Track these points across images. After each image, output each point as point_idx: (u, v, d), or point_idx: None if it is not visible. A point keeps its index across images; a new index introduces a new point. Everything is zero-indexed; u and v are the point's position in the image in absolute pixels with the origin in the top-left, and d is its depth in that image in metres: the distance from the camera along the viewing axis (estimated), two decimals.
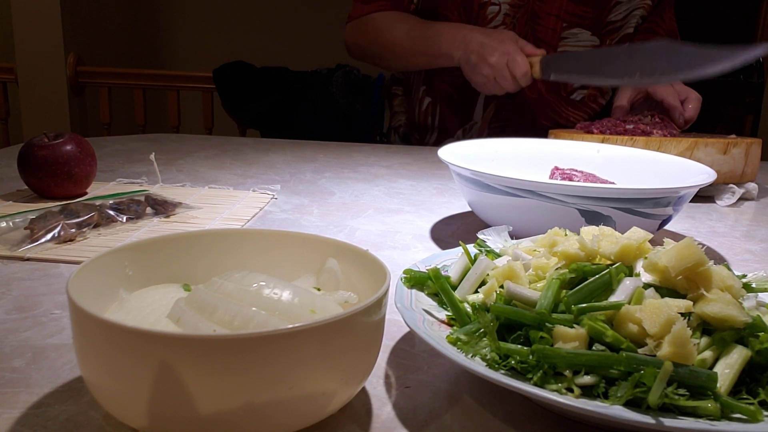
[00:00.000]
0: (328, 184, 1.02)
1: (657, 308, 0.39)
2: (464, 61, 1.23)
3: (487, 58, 1.18)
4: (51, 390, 0.43)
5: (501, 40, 1.18)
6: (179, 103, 2.41)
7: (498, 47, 1.18)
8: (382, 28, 1.36)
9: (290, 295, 0.40)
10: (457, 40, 1.24)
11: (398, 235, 0.78)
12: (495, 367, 0.40)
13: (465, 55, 1.22)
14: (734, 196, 1.00)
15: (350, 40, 1.44)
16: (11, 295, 0.57)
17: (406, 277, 0.50)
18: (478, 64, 1.20)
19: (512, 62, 1.16)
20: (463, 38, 1.23)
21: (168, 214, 0.79)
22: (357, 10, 1.40)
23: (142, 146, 1.25)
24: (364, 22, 1.39)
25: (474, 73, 1.22)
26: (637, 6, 1.35)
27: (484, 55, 1.18)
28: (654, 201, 0.66)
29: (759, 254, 0.77)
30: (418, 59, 1.34)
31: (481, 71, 1.20)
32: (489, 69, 1.19)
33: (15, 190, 0.89)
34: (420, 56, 1.32)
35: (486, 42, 1.19)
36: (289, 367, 0.34)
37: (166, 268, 0.47)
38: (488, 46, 1.19)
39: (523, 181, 0.66)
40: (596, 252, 0.47)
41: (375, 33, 1.37)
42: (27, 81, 2.50)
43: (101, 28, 2.73)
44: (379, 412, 0.42)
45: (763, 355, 0.39)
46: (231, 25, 3.19)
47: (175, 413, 0.34)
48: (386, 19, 1.36)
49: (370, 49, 1.40)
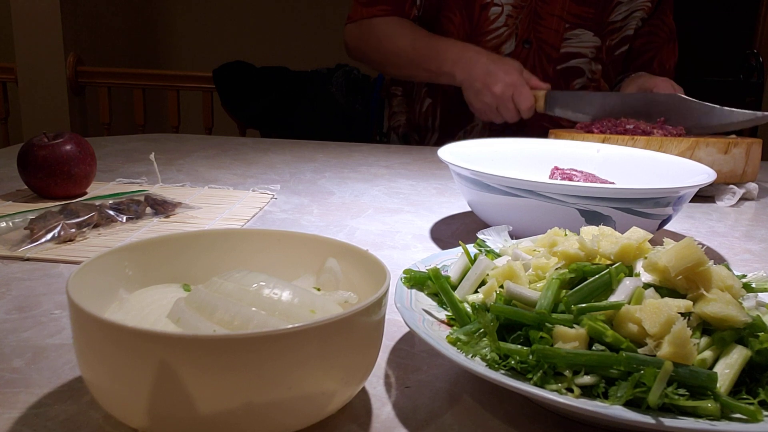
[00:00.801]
0: (328, 184, 1.02)
1: (657, 308, 0.39)
2: (467, 85, 1.22)
3: (492, 88, 1.18)
4: (51, 390, 0.43)
5: (507, 71, 1.18)
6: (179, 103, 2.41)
7: (504, 78, 1.17)
8: (385, 36, 1.35)
9: (290, 295, 0.40)
10: (461, 61, 1.23)
11: (398, 235, 0.78)
12: (495, 367, 0.40)
13: (469, 80, 1.22)
14: (734, 196, 1.00)
15: (351, 42, 1.43)
16: (11, 295, 0.57)
17: (406, 277, 0.50)
18: (482, 91, 1.19)
19: (518, 95, 1.16)
20: (468, 61, 1.22)
21: (168, 214, 0.79)
22: (357, 13, 1.39)
23: (141, 146, 1.25)
24: (367, 27, 1.37)
25: (476, 100, 1.22)
26: (637, 7, 1.35)
27: (489, 85, 1.18)
28: (654, 201, 0.66)
29: (759, 254, 0.77)
30: (420, 73, 1.33)
31: (484, 99, 1.20)
32: (492, 98, 1.18)
33: (15, 190, 0.89)
34: (422, 71, 1.32)
35: (492, 70, 1.18)
36: (289, 367, 0.34)
37: (166, 268, 0.47)
38: (494, 74, 1.18)
39: (522, 181, 0.66)
40: (596, 252, 0.47)
41: (377, 41, 1.36)
42: (27, 81, 2.50)
43: (101, 28, 2.73)
44: (378, 412, 0.42)
45: (762, 355, 0.39)
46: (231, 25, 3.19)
47: (175, 413, 0.34)
48: (390, 28, 1.35)
49: (372, 57, 1.40)
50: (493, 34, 1.32)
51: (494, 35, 1.32)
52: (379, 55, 1.37)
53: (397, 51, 1.33)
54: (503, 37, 1.32)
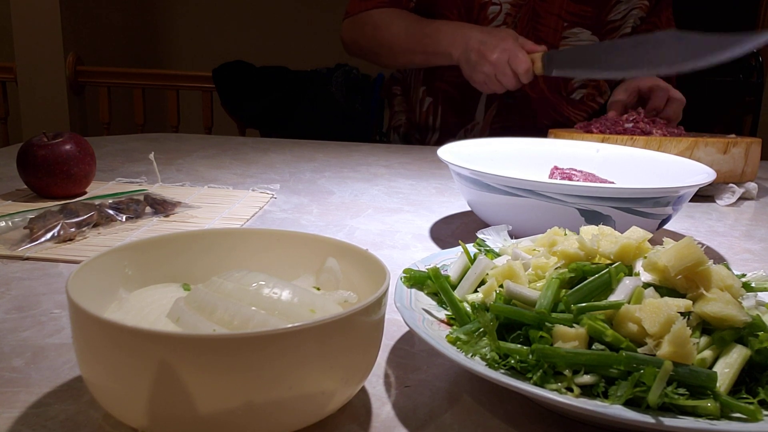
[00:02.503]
0: (328, 184, 1.02)
1: (656, 308, 0.39)
2: (464, 59, 1.22)
3: (487, 56, 1.17)
4: (50, 389, 0.43)
5: (501, 38, 1.18)
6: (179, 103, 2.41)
7: (498, 44, 1.17)
8: (380, 25, 1.35)
9: (290, 294, 0.40)
10: (456, 39, 1.23)
11: (398, 235, 0.78)
12: (495, 366, 0.40)
13: (465, 54, 1.21)
14: (734, 195, 1.00)
15: (347, 37, 1.44)
16: (11, 295, 0.57)
17: (406, 276, 0.50)
18: (478, 62, 1.19)
19: (514, 59, 1.16)
20: (463, 36, 1.22)
21: (167, 214, 0.79)
22: (354, 7, 1.40)
23: (141, 146, 1.25)
24: (362, 19, 1.38)
25: (474, 72, 1.21)
26: (635, 6, 1.35)
27: (485, 53, 1.18)
28: (653, 200, 0.66)
29: (758, 253, 0.77)
30: (416, 57, 1.33)
31: (482, 69, 1.19)
32: (490, 66, 1.18)
33: (14, 190, 0.89)
34: (418, 54, 1.32)
35: (486, 40, 1.19)
36: (289, 367, 0.34)
37: (166, 267, 0.47)
38: (488, 43, 1.18)
39: (522, 180, 0.66)
40: (596, 251, 0.47)
41: (373, 30, 1.37)
42: (26, 80, 2.50)
43: (100, 28, 2.73)
44: (378, 412, 0.42)
45: (762, 355, 0.39)
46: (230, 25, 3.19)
47: (175, 413, 0.34)
48: (384, 16, 1.35)
49: (368, 46, 1.40)
50: None
51: None
52: (374, 45, 1.38)
53: (392, 38, 1.33)
54: None
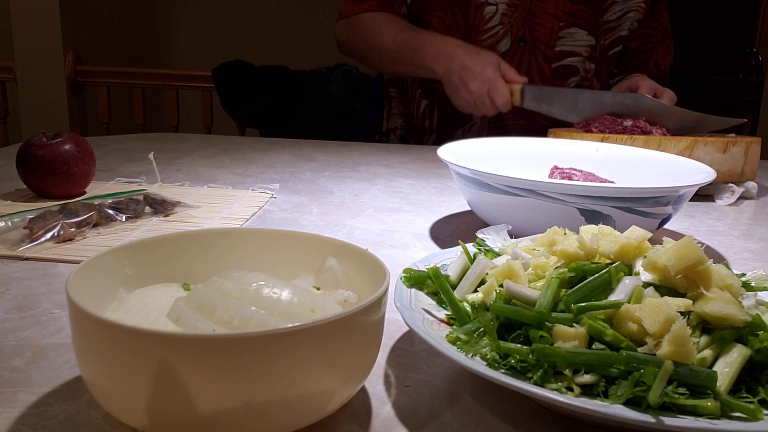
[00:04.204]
0: (328, 184, 1.02)
1: (656, 307, 0.39)
2: (446, 79, 1.24)
3: (468, 85, 1.19)
4: (50, 389, 0.43)
5: (483, 66, 1.19)
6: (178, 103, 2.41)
7: (480, 74, 1.18)
8: (370, 30, 1.36)
9: (290, 294, 0.40)
10: (440, 56, 1.24)
11: (397, 234, 0.78)
12: (495, 366, 0.40)
13: (447, 75, 1.23)
14: (734, 195, 1.00)
15: (341, 38, 1.44)
16: (10, 295, 0.57)
17: (406, 276, 0.50)
18: (459, 87, 1.21)
19: (493, 90, 1.18)
20: (447, 55, 1.23)
21: (167, 214, 0.79)
22: (348, 9, 1.40)
23: (140, 145, 1.25)
24: (354, 21, 1.39)
25: (454, 95, 1.24)
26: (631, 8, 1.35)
27: (466, 81, 1.19)
28: (653, 200, 0.66)
29: (758, 253, 0.77)
30: (402, 67, 1.35)
31: (462, 95, 1.22)
32: (469, 95, 1.20)
33: (14, 190, 0.89)
34: (404, 65, 1.33)
35: (468, 65, 1.19)
36: (289, 367, 0.34)
37: (166, 267, 0.47)
38: (470, 70, 1.19)
39: (522, 180, 0.66)
40: (596, 251, 0.47)
41: (363, 34, 1.37)
42: (26, 80, 2.50)
43: (100, 28, 2.73)
44: (378, 411, 0.42)
45: (762, 354, 0.39)
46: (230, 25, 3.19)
47: (175, 412, 0.34)
48: (374, 21, 1.36)
49: (360, 49, 1.41)
50: (488, 33, 1.32)
51: (489, 34, 1.32)
52: (365, 49, 1.39)
53: (380, 44, 1.34)
54: (498, 35, 1.32)
